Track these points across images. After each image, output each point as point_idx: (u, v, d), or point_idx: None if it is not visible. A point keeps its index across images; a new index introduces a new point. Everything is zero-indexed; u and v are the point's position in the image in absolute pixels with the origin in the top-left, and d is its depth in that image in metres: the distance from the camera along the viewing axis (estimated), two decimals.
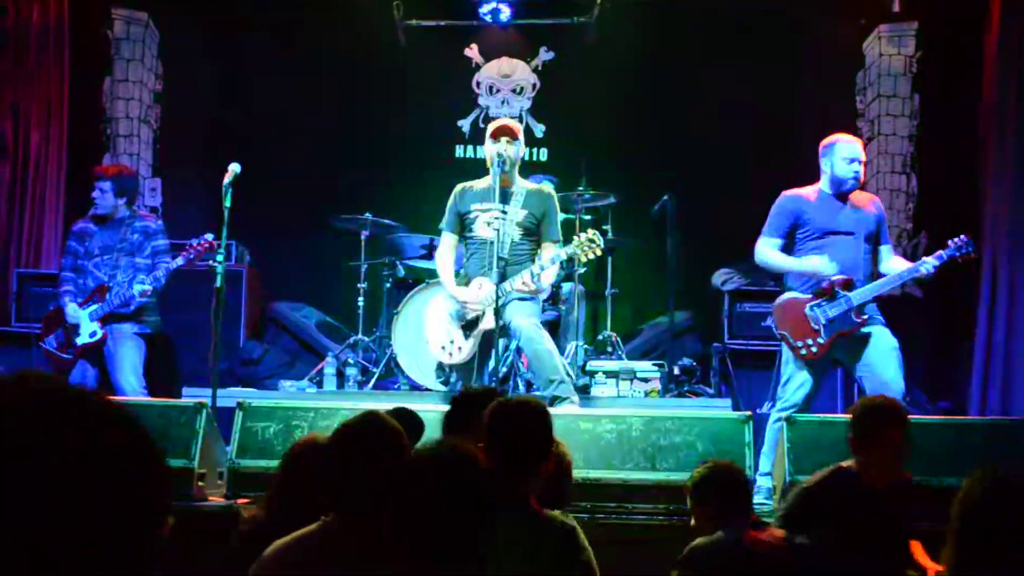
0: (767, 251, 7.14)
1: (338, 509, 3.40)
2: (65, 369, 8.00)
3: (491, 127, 7.61)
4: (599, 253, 7.29)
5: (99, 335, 7.96)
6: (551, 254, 7.37)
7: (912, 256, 9.97)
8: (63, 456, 1.45)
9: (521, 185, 7.64)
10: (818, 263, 6.89)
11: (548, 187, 7.89)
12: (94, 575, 1.43)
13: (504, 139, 7.47)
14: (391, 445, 3.46)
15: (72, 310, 8.01)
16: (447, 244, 7.76)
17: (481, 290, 7.36)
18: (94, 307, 7.97)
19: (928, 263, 6.89)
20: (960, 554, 3.02)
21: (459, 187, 7.77)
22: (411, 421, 4.22)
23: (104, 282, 8.03)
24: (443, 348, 7.59)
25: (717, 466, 4.63)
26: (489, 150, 7.52)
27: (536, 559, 3.70)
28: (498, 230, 7.31)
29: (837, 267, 6.86)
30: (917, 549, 4.95)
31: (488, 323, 7.29)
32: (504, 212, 7.43)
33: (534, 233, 7.55)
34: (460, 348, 7.48)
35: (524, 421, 3.96)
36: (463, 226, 7.67)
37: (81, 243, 8.22)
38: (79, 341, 7.98)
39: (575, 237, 7.35)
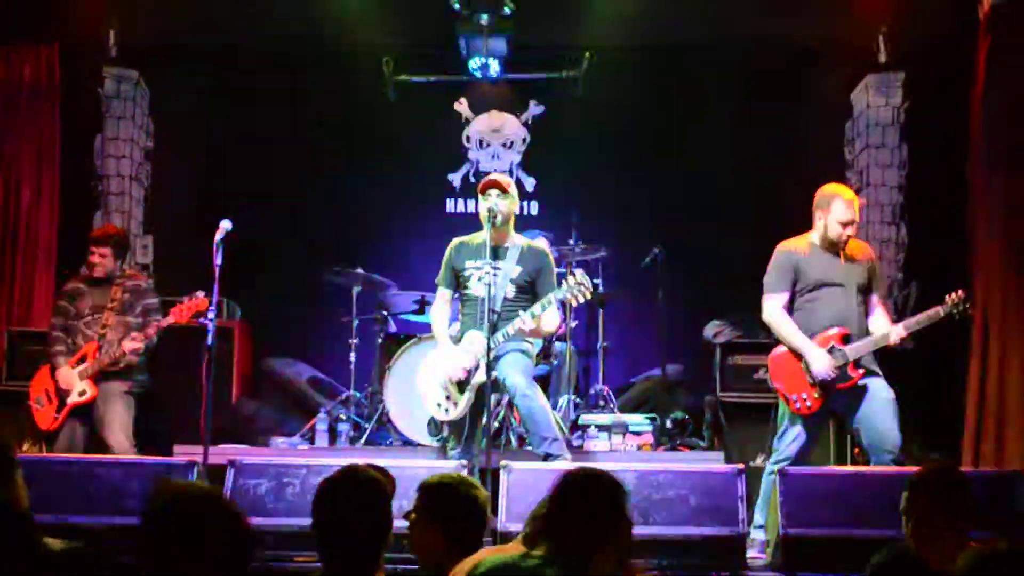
0: (776, 314, 7.09)
1: (326, 563, 3.43)
2: (53, 429, 7.99)
3: (481, 183, 7.57)
4: (589, 296, 7.26)
5: (88, 394, 7.95)
6: (545, 299, 7.30)
7: (903, 306, 10.01)
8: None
9: (517, 241, 7.58)
10: (818, 356, 6.86)
11: (543, 242, 7.89)
12: None
13: (493, 192, 7.40)
14: (368, 497, 3.49)
15: (64, 372, 7.99)
16: (442, 299, 7.71)
17: (472, 345, 7.32)
18: (83, 366, 7.97)
19: (897, 332, 6.90)
20: None
21: (455, 242, 7.71)
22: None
23: (94, 339, 8.03)
24: (439, 405, 7.51)
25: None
26: (481, 206, 7.44)
27: None
28: (489, 285, 7.26)
29: (841, 363, 6.85)
30: None
31: (481, 376, 7.20)
32: (497, 268, 7.39)
33: (528, 292, 7.49)
34: (455, 404, 7.41)
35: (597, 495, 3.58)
36: (458, 282, 7.61)
37: (72, 303, 8.24)
38: (68, 400, 7.96)
39: (563, 282, 7.31)
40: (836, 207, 7.00)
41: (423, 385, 7.63)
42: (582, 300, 7.32)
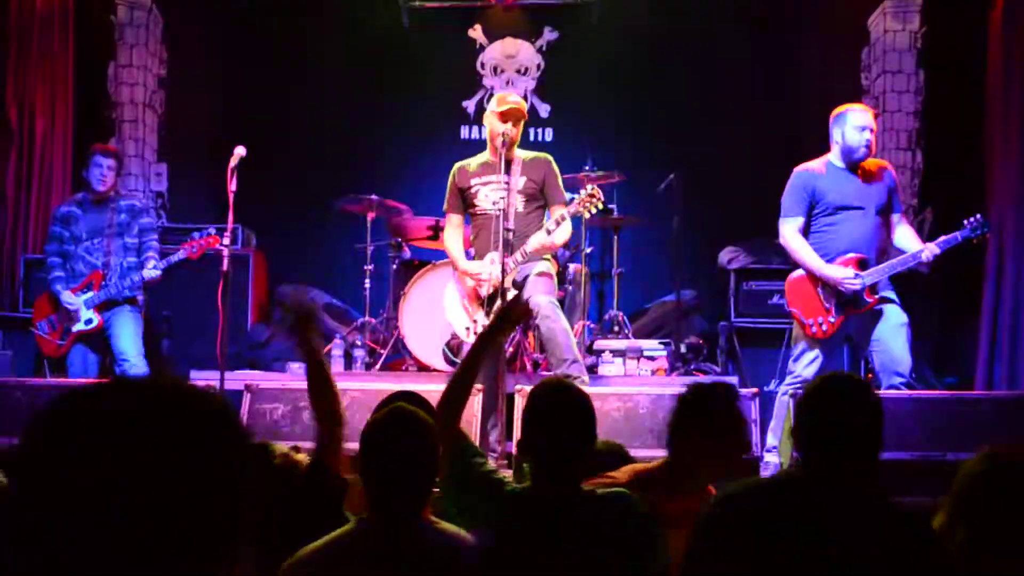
0: (792, 237, 7.09)
1: (372, 510, 3.40)
2: (60, 355, 8.03)
3: (500, 107, 7.50)
4: (600, 207, 7.30)
5: (95, 323, 7.96)
6: (558, 214, 7.36)
7: (918, 232, 9.98)
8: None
9: (518, 155, 7.63)
10: (843, 275, 6.88)
11: (544, 154, 7.89)
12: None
13: (511, 122, 7.43)
14: (421, 440, 3.42)
15: (68, 297, 7.97)
16: (452, 224, 7.78)
17: (493, 264, 7.34)
18: (89, 294, 7.96)
19: (931, 249, 6.87)
20: (953, 522, 3.06)
21: (456, 166, 7.79)
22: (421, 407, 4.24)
23: (98, 267, 8.03)
24: (467, 329, 7.57)
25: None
26: (495, 128, 7.46)
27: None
28: (502, 198, 7.29)
29: (860, 283, 6.84)
30: None
31: (507, 296, 7.24)
32: (505, 183, 7.42)
33: (538, 199, 7.57)
34: (483, 327, 7.46)
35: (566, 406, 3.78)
36: (466, 203, 7.68)
37: (66, 227, 8.19)
38: (74, 328, 7.97)
39: (575, 195, 7.38)
40: (850, 116, 7.01)
41: (450, 312, 7.66)
42: (594, 211, 7.35)
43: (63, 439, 1.46)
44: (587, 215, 7.53)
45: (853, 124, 6.97)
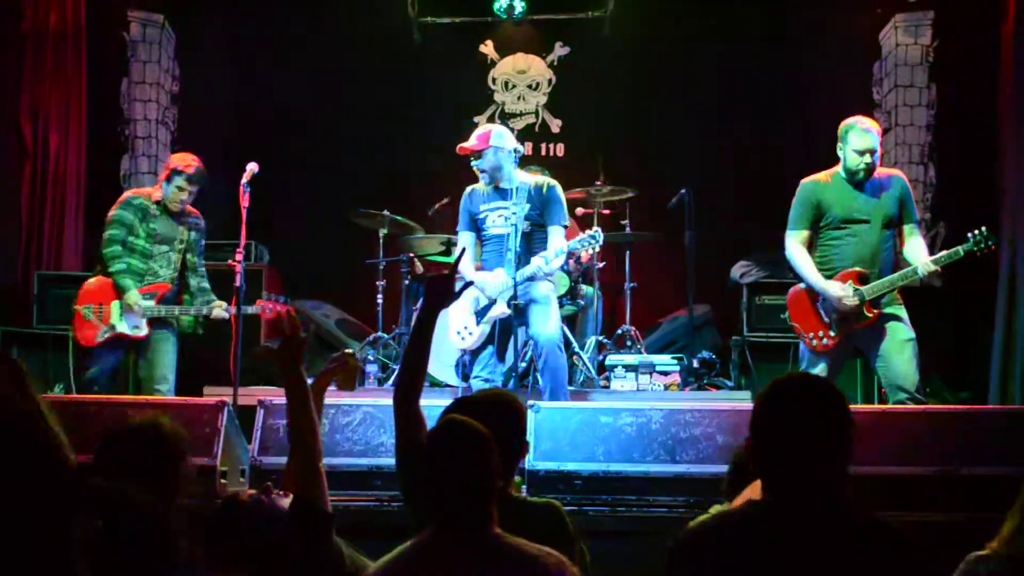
0: (796, 251, 7.08)
1: (438, 521, 3.33)
2: (89, 346, 7.81)
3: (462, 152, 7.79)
4: (597, 250, 7.59)
5: (142, 332, 7.79)
6: (556, 244, 7.51)
7: (931, 246, 9.95)
8: None
9: (523, 179, 7.73)
10: (838, 293, 6.86)
11: (545, 178, 7.98)
12: None
13: (471, 159, 7.71)
14: (479, 452, 3.36)
15: (135, 297, 7.72)
16: (464, 240, 7.87)
17: (498, 277, 7.51)
18: (149, 303, 7.77)
19: (927, 265, 6.84)
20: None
21: (468, 189, 7.90)
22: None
23: (165, 280, 7.90)
24: (457, 333, 7.75)
25: None
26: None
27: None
28: (507, 220, 7.55)
29: (858, 300, 6.83)
30: None
31: (499, 310, 7.47)
32: (509, 209, 7.59)
33: (541, 224, 7.67)
34: (471, 333, 7.64)
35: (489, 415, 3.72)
36: (476, 226, 7.81)
37: (140, 220, 7.87)
38: (120, 328, 7.77)
39: (580, 233, 7.59)
40: (852, 137, 6.95)
41: (448, 316, 7.71)
42: (591, 253, 7.51)
43: None
44: (584, 254, 7.70)
45: (853, 147, 6.93)
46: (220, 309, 7.88)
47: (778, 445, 2.83)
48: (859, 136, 6.94)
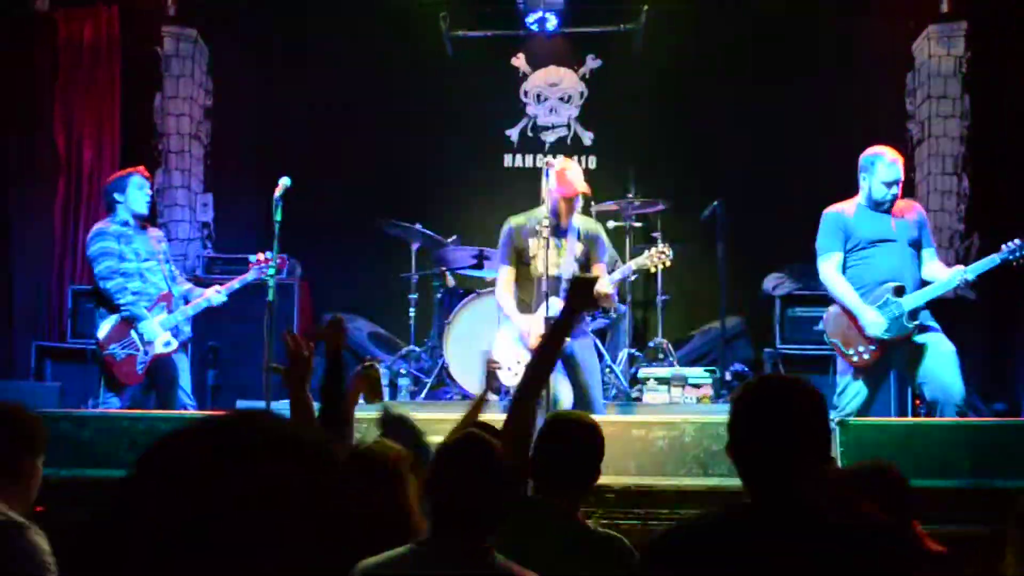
0: (832, 275, 7.09)
1: (435, 532, 3.35)
2: (134, 384, 7.78)
3: (566, 184, 7.39)
4: (668, 264, 7.47)
5: (174, 345, 7.81)
6: (607, 277, 7.37)
7: (965, 257, 9.91)
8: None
9: (575, 221, 7.56)
10: (872, 317, 6.86)
11: (597, 225, 7.89)
12: None
13: (572, 200, 7.43)
14: (490, 466, 3.40)
15: (151, 324, 7.75)
16: (505, 277, 7.65)
17: (538, 327, 7.33)
18: (163, 315, 7.81)
19: (965, 273, 6.83)
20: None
21: (511, 223, 7.64)
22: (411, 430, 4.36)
23: (166, 291, 7.92)
24: (509, 369, 7.59)
25: None
26: (552, 195, 7.39)
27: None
28: (550, 256, 7.26)
29: (885, 325, 6.82)
30: None
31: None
32: (559, 247, 7.44)
33: (587, 265, 7.55)
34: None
35: (577, 437, 3.97)
36: (520, 260, 7.60)
37: (128, 244, 7.90)
38: (154, 351, 7.75)
39: (646, 250, 7.50)
40: (880, 168, 6.99)
41: (498, 351, 7.63)
42: (661, 268, 7.51)
43: (179, 472, 1.40)
44: (653, 270, 7.60)
45: (881, 179, 6.98)
46: (214, 293, 7.95)
47: (754, 446, 2.80)
48: (887, 168, 6.98)
